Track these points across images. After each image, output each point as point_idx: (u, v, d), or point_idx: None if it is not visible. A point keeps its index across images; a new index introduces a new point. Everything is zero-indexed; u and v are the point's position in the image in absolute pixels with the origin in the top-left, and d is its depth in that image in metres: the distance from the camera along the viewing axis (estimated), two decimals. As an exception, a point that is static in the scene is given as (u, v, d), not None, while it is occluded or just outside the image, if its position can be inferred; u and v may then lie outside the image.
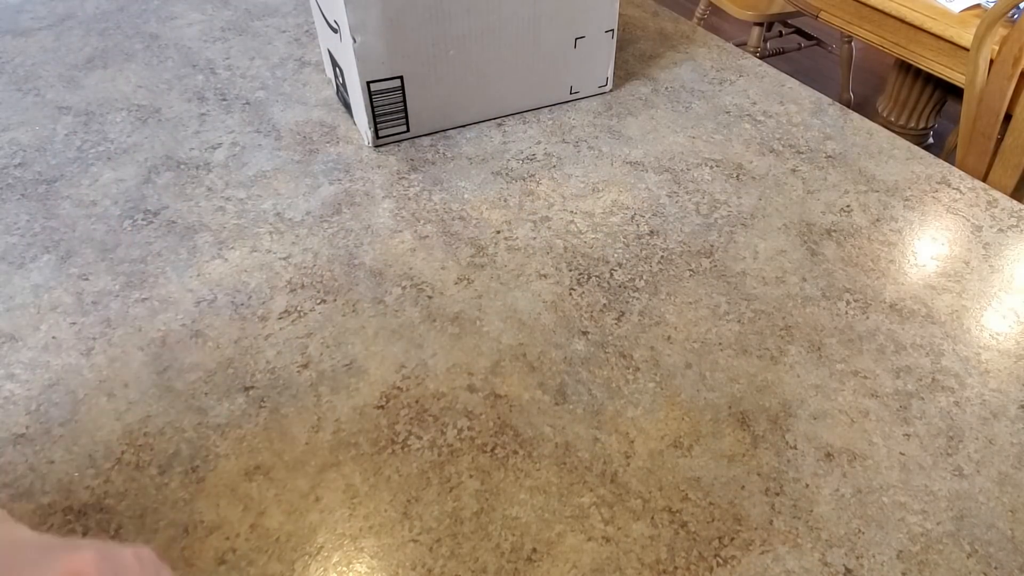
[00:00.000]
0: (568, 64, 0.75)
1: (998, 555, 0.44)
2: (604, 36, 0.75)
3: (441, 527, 0.45)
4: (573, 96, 0.78)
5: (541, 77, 0.75)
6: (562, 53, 0.74)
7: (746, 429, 0.50)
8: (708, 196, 0.68)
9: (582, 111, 0.79)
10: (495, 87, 0.74)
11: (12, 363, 0.54)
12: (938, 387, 0.53)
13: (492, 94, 0.74)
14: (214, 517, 0.46)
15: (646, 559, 0.44)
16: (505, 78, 0.74)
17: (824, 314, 0.58)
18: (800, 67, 2.52)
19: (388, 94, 0.69)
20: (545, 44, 0.73)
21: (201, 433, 0.50)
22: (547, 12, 0.71)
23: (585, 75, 0.77)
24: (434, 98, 0.72)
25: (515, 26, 0.70)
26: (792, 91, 0.82)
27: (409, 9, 0.65)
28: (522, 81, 0.75)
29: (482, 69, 0.72)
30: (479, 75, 0.72)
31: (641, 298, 0.59)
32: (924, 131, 1.80)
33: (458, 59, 0.70)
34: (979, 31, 1.23)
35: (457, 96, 0.73)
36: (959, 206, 0.67)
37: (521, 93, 0.76)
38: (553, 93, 0.77)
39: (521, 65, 0.73)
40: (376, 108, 0.69)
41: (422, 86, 0.70)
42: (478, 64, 0.71)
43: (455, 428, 0.50)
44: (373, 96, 0.68)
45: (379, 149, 0.73)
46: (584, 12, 0.72)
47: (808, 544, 0.44)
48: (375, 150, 0.73)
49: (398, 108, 0.70)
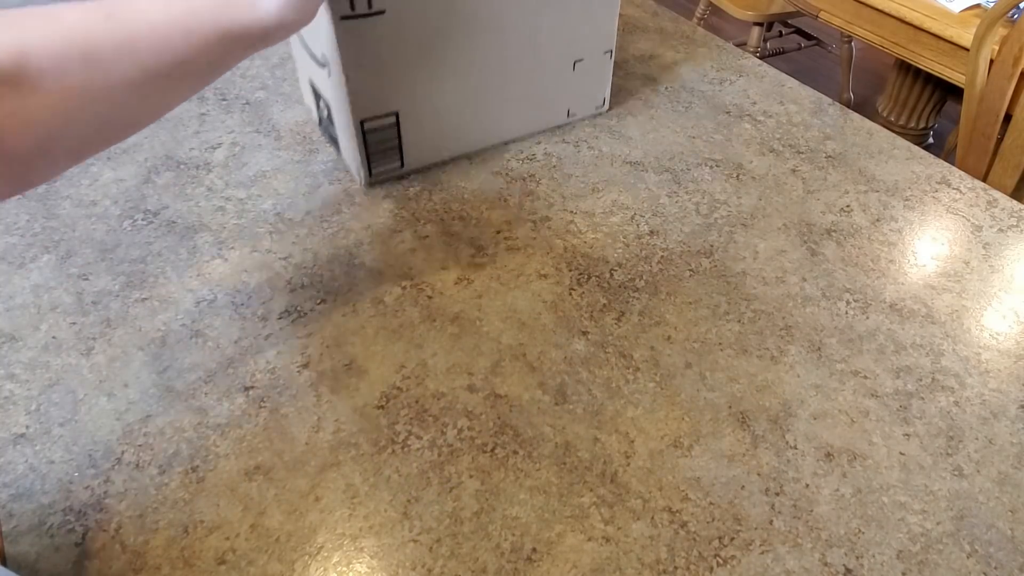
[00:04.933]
0: (566, 87, 0.72)
1: (998, 555, 0.44)
2: (603, 57, 0.72)
3: (441, 527, 0.45)
4: (570, 119, 0.75)
5: (539, 102, 0.72)
6: (561, 77, 0.71)
7: (746, 429, 0.50)
8: (708, 196, 0.68)
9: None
10: (492, 116, 0.70)
11: (12, 363, 0.54)
12: (938, 387, 0.53)
13: (489, 123, 0.70)
14: (214, 517, 0.46)
15: (646, 559, 0.44)
16: (503, 106, 0.70)
17: (824, 314, 0.58)
18: (800, 67, 2.52)
19: (382, 131, 0.64)
20: (544, 69, 0.69)
21: (201, 433, 0.50)
22: (546, 35, 0.67)
23: (582, 98, 0.74)
24: (430, 131, 0.67)
25: (514, 52, 0.66)
26: (792, 91, 0.82)
27: (405, 42, 0.61)
28: (520, 108, 0.71)
29: (480, 98, 0.68)
30: (476, 105, 0.68)
31: (641, 298, 0.59)
32: (924, 131, 1.80)
33: (455, 89, 0.66)
34: (979, 31, 1.23)
35: (453, 127, 0.69)
36: (959, 206, 0.67)
37: (519, 120, 0.72)
38: (550, 117, 0.74)
39: (519, 92, 0.70)
40: (370, 147, 0.65)
41: (418, 120, 0.66)
42: (476, 93, 0.67)
43: (455, 428, 0.50)
44: (367, 135, 0.64)
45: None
46: (583, 34, 0.69)
47: (808, 544, 0.44)
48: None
49: (392, 145, 0.66)
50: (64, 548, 0.44)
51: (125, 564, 0.43)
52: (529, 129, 0.73)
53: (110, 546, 0.44)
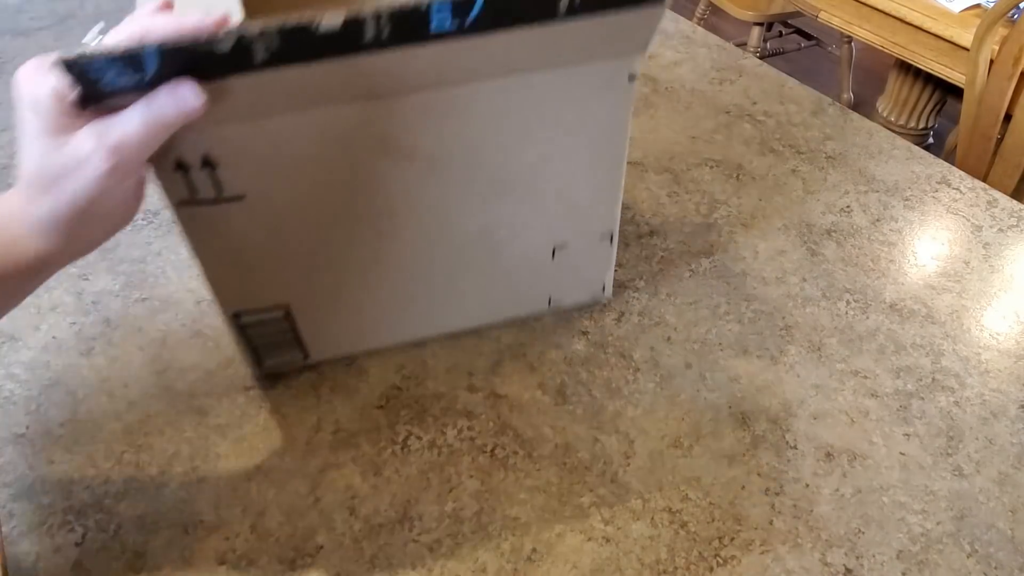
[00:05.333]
0: (542, 275, 0.54)
1: (998, 555, 0.44)
2: (598, 243, 0.53)
3: (441, 527, 0.45)
4: (554, 306, 0.57)
5: (500, 292, 0.54)
6: (532, 265, 0.53)
7: (746, 429, 0.50)
8: (708, 196, 0.68)
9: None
10: (433, 306, 0.53)
11: (12, 363, 0.54)
12: (938, 387, 0.53)
13: (429, 314, 0.54)
14: (214, 517, 0.46)
15: (646, 559, 0.44)
16: (443, 298, 0.53)
17: (824, 314, 0.58)
18: (800, 67, 2.52)
19: (269, 324, 0.49)
20: (504, 257, 0.51)
21: (201, 433, 0.50)
22: (504, 221, 0.49)
23: (569, 286, 0.56)
24: (342, 323, 0.52)
25: (455, 242, 0.49)
26: (792, 91, 0.82)
27: (280, 232, 0.45)
28: (470, 299, 0.54)
29: (411, 290, 0.51)
30: (407, 297, 0.52)
31: (641, 298, 0.59)
32: (924, 131, 1.80)
33: (365, 284, 0.50)
34: (979, 31, 1.23)
35: (377, 319, 0.53)
36: (959, 206, 0.67)
37: (473, 309, 0.55)
38: (520, 306, 0.56)
39: (464, 284, 0.52)
40: (253, 341, 0.50)
41: (319, 313, 0.50)
42: (396, 286, 0.51)
43: (455, 428, 0.50)
44: (246, 329, 0.49)
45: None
46: (565, 218, 0.51)
47: (808, 544, 0.44)
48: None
49: (287, 339, 0.51)
50: (64, 548, 0.44)
51: (125, 564, 0.43)
52: (489, 319, 0.56)
53: (110, 546, 0.44)
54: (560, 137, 0.46)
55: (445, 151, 0.44)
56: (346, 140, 0.42)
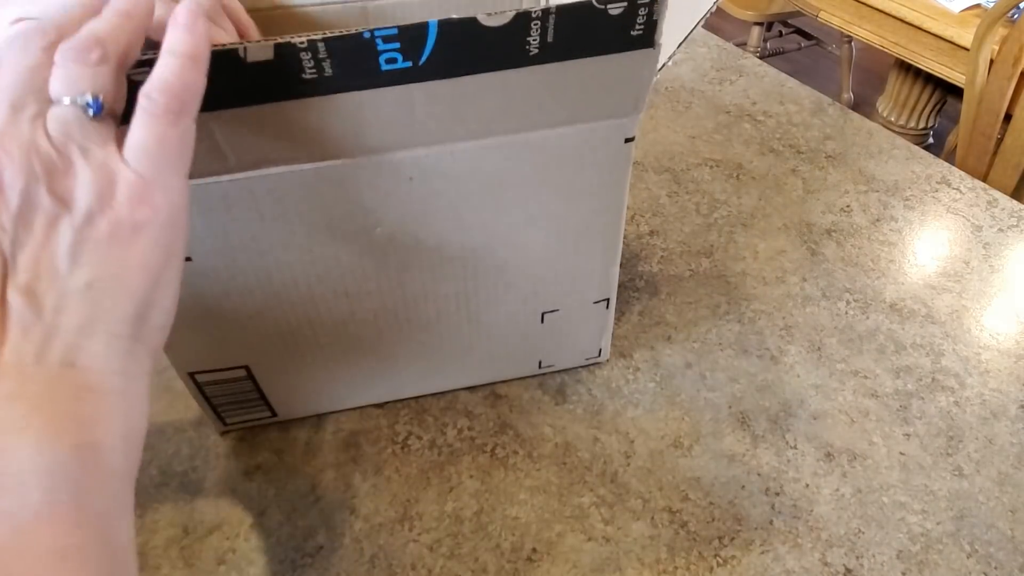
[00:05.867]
0: (530, 340, 0.50)
1: (998, 555, 0.44)
2: (592, 308, 0.49)
3: (441, 527, 0.45)
4: (545, 370, 0.53)
5: (482, 356, 0.50)
6: (519, 330, 0.49)
7: (746, 429, 0.50)
8: (708, 196, 0.68)
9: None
10: (409, 370, 0.50)
11: (12, 363, 0.54)
12: (938, 387, 0.53)
13: (404, 377, 0.50)
14: (214, 517, 0.46)
15: (646, 559, 0.44)
16: (426, 359, 0.49)
17: (824, 314, 0.58)
18: (800, 67, 2.52)
19: (228, 384, 0.46)
20: (484, 323, 0.48)
21: (201, 433, 0.50)
22: (486, 284, 0.45)
23: (561, 350, 0.52)
24: (310, 385, 0.49)
25: (428, 306, 0.45)
26: (792, 91, 0.82)
27: (230, 295, 0.41)
28: (452, 361, 0.50)
29: (383, 353, 0.48)
30: (379, 360, 0.48)
31: (641, 298, 0.59)
32: (924, 131, 1.81)
33: (339, 344, 0.46)
34: (979, 31, 1.23)
35: (348, 382, 0.50)
36: (959, 206, 0.67)
37: (453, 373, 0.51)
38: (506, 370, 0.53)
39: (439, 347, 0.48)
40: (212, 400, 0.47)
41: (283, 375, 0.47)
42: (372, 348, 0.47)
43: (455, 428, 0.50)
44: (203, 387, 0.46)
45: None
46: (555, 283, 0.46)
47: (808, 544, 0.44)
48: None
49: (250, 397, 0.48)
50: (64, 548, 0.44)
51: (125, 564, 0.43)
52: (472, 382, 0.53)
53: (110, 546, 0.44)
54: (547, 200, 0.41)
55: (411, 217, 0.40)
56: (297, 207, 0.37)
